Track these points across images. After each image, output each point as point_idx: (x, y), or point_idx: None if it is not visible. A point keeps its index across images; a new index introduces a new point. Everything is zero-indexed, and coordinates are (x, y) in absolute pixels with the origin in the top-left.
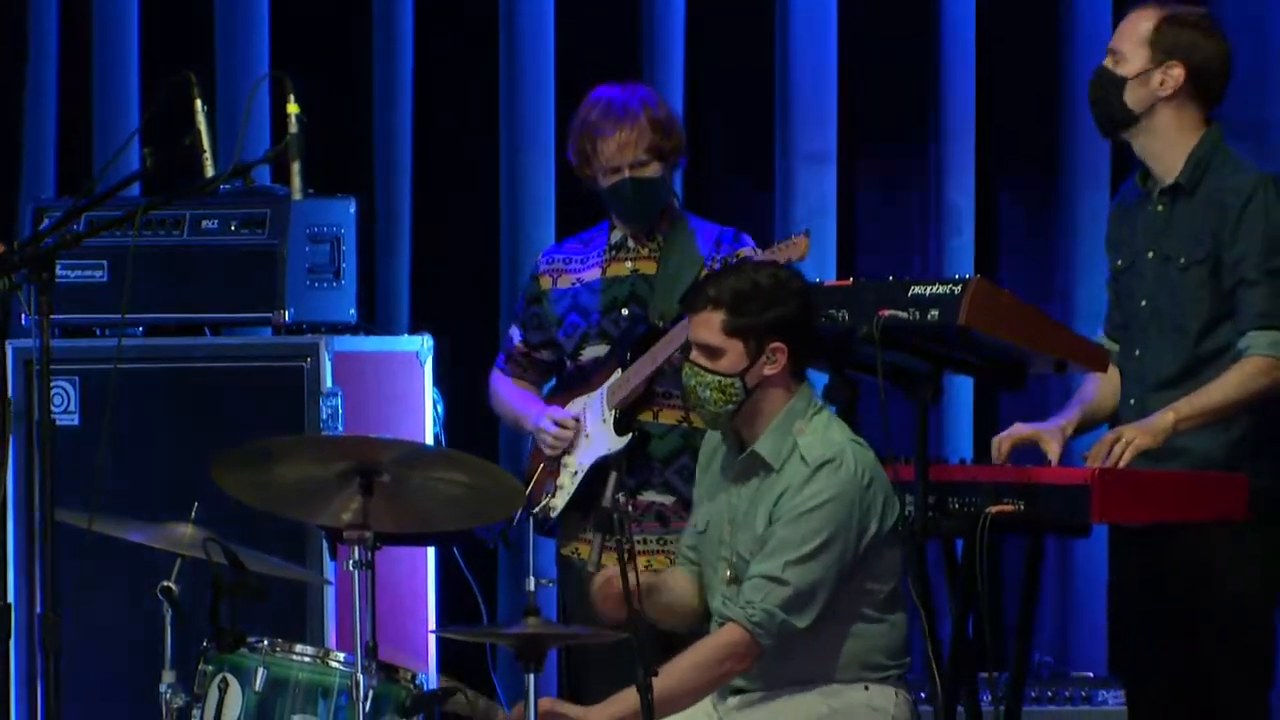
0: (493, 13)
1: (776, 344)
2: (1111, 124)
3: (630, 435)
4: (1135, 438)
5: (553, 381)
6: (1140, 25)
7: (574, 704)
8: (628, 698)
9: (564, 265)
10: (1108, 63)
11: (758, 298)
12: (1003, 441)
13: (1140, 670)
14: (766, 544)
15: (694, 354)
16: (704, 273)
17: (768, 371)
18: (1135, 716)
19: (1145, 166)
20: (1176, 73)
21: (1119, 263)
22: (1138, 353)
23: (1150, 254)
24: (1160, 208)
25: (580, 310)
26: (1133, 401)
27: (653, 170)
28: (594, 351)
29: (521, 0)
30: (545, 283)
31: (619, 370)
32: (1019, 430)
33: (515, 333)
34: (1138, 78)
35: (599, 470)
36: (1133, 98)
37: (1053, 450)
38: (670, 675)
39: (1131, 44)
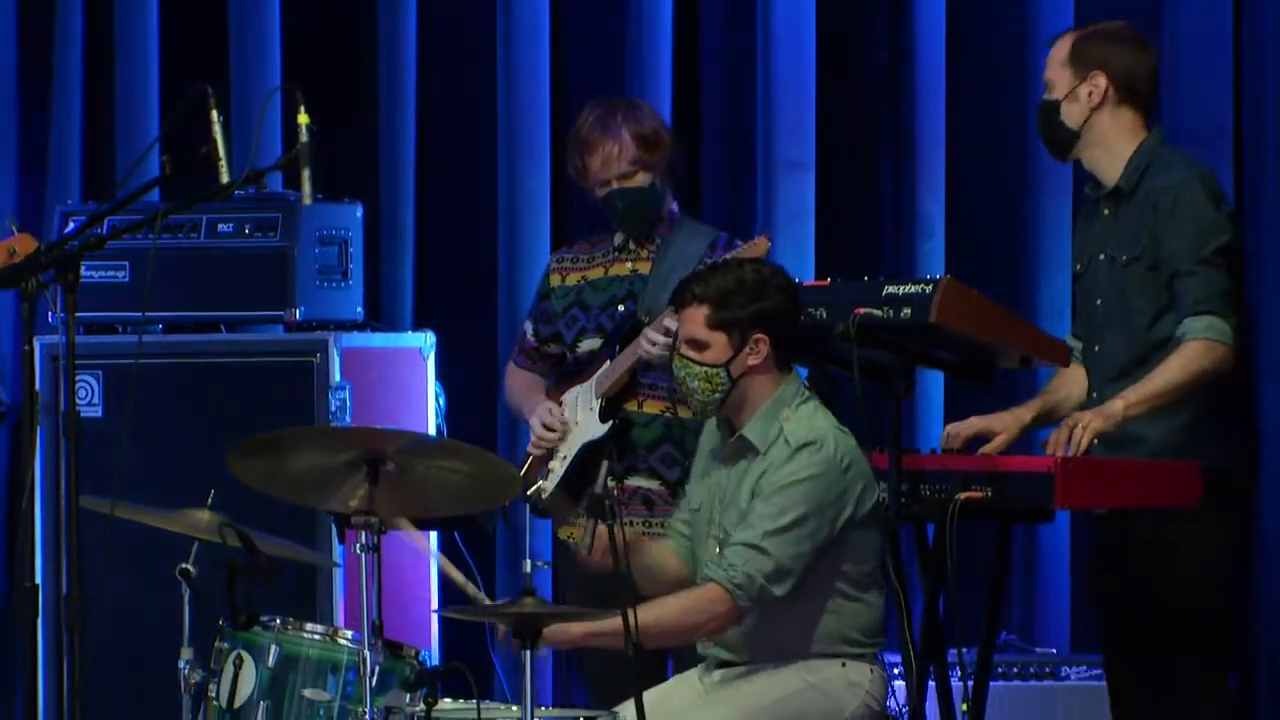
0: (491, 27)
1: (759, 335)
2: (1058, 147)
3: (612, 422)
4: (1090, 421)
5: None
6: (1060, 50)
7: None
8: (608, 618)
9: (572, 264)
10: (1045, 95)
11: (741, 293)
12: (961, 429)
13: (1111, 646)
14: (747, 516)
15: (683, 347)
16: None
17: (751, 362)
18: (1113, 693)
19: (1094, 177)
20: (1100, 82)
21: (1077, 267)
22: (1096, 348)
23: (1101, 256)
24: (1107, 211)
25: (581, 305)
26: (1094, 394)
27: (640, 180)
28: (590, 345)
29: (519, 15)
30: (555, 280)
31: (608, 361)
32: (973, 424)
33: (527, 327)
34: (1068, 97)
35: (587, 454)
36: (1068, 116)
37: (998, 437)
38: (651, 610)
39: (1055, 69)
